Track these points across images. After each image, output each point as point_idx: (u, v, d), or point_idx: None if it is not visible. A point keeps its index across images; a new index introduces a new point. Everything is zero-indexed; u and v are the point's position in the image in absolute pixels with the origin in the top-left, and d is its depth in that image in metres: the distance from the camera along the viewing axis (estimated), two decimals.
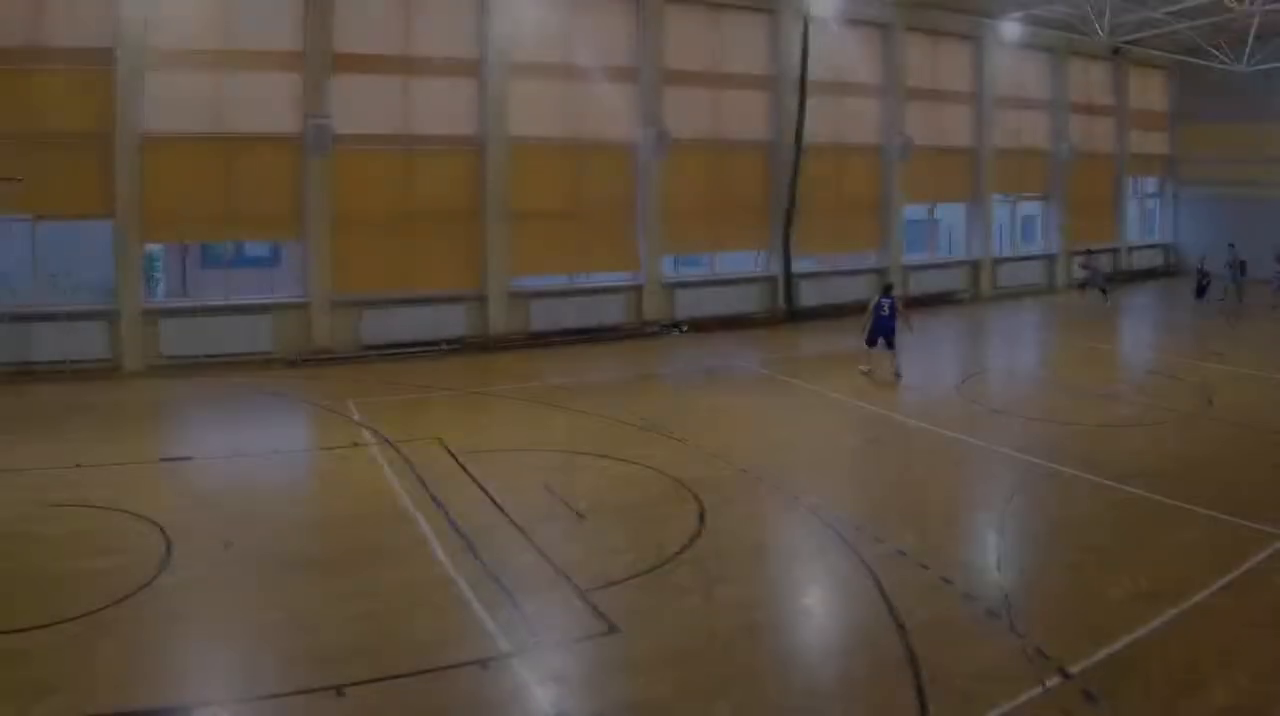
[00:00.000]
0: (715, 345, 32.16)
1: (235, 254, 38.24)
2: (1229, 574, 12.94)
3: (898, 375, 26.14)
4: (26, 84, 26.81)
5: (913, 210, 42.65)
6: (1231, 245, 40.44)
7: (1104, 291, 40.48)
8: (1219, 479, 17.30)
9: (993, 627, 11.49)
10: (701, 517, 15.37)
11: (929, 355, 30.55)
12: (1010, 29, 43.01)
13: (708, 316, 35.39)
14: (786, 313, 37.26)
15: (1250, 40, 40.81)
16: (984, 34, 43.02)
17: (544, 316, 32.98)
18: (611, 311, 34.24)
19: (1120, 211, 50.55)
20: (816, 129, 37.43)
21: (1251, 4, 35.18)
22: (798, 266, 37.69)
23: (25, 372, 26.70)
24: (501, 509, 15.78)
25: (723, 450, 19.30)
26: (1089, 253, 41.88)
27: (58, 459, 18.70)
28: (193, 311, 29.31)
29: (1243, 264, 40.11)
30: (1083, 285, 41.35)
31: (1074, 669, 10.41)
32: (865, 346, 26.56)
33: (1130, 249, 50.83)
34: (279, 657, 11.03)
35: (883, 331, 26.53)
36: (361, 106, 30.55)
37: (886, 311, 26.58)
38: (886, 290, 27.44)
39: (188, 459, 19.12)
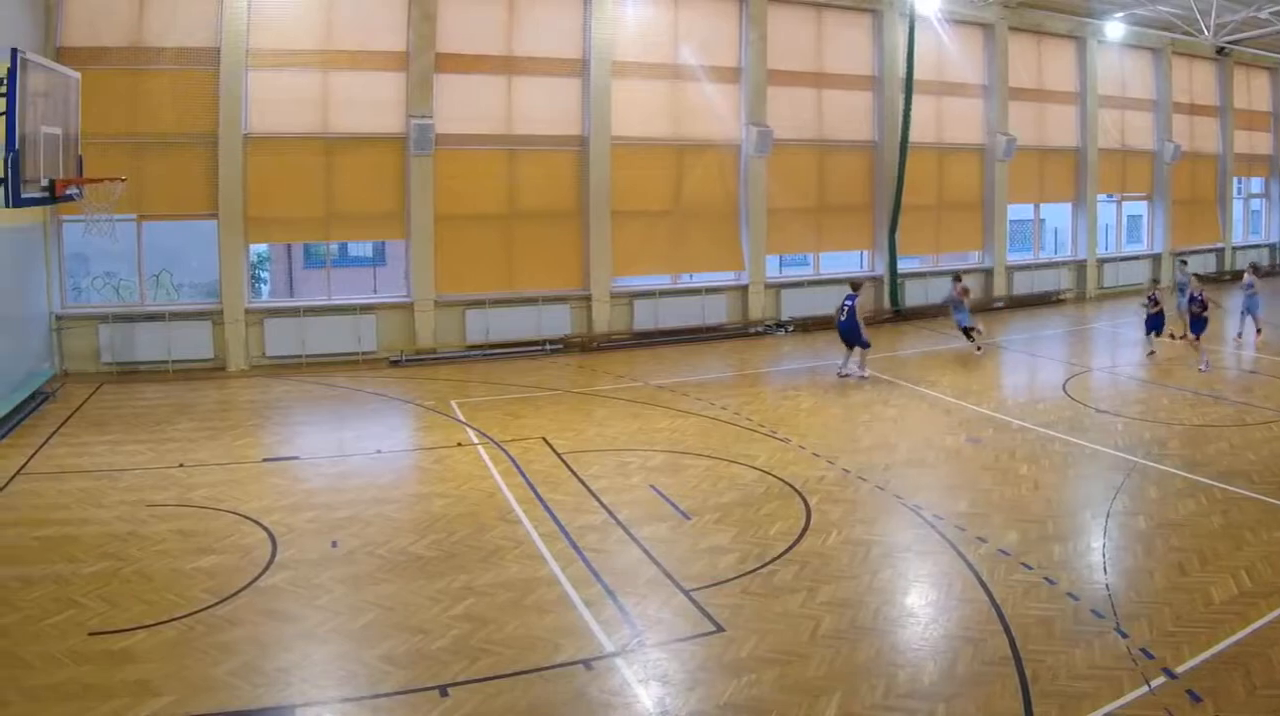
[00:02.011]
0: (819, 345, 31.00)
1: (338, 254, 37.83)
2: None
3: (845, 375, 25.28)
4: (131, 84, 26.30)
5: (1016, 210, 41.04)
6: (1183, 262, 34.47)
7: (1173, 335, 29.49)
8: None
9: (1097, 627, 11.20)
10: (806, 517, 15.13)
11: (1033, 355, 29.62)
12: (1113, 29, 41.21)
13: (812, 316, 34.00)
14: (891, 312, 36.27)
15: None
16: (1087, 34, 41.17)
17: (647, 316, 31.97)
18: (715, 311, 33.13)
19: (1225, 211, 48.22)
20: (919, 128, 36.10)
21: None
22: (902, 266, 36.55)
23: (130, 373, 26.44)
24: (606, 508, 15.54)
25: (826, 450, 18.97)
26: (1155, 284, 31.96)
27: (161, 459, 18.55)
28: (296, 311, 28.66)
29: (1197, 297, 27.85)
30: (1151, 327, 28.49)
31: (1178, 669, 10.20)
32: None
33: (1234, 249, 48.64)
34: (383, 657, 10.76)
35: (842, 335, 25.45)
36: (464, 106, 29.72)
37: (845, 315, 25.24)
38: (853, 288, 26.05)
39: (292, 459, 18.77)
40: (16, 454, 18.97)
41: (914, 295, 36.78)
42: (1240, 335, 30.47)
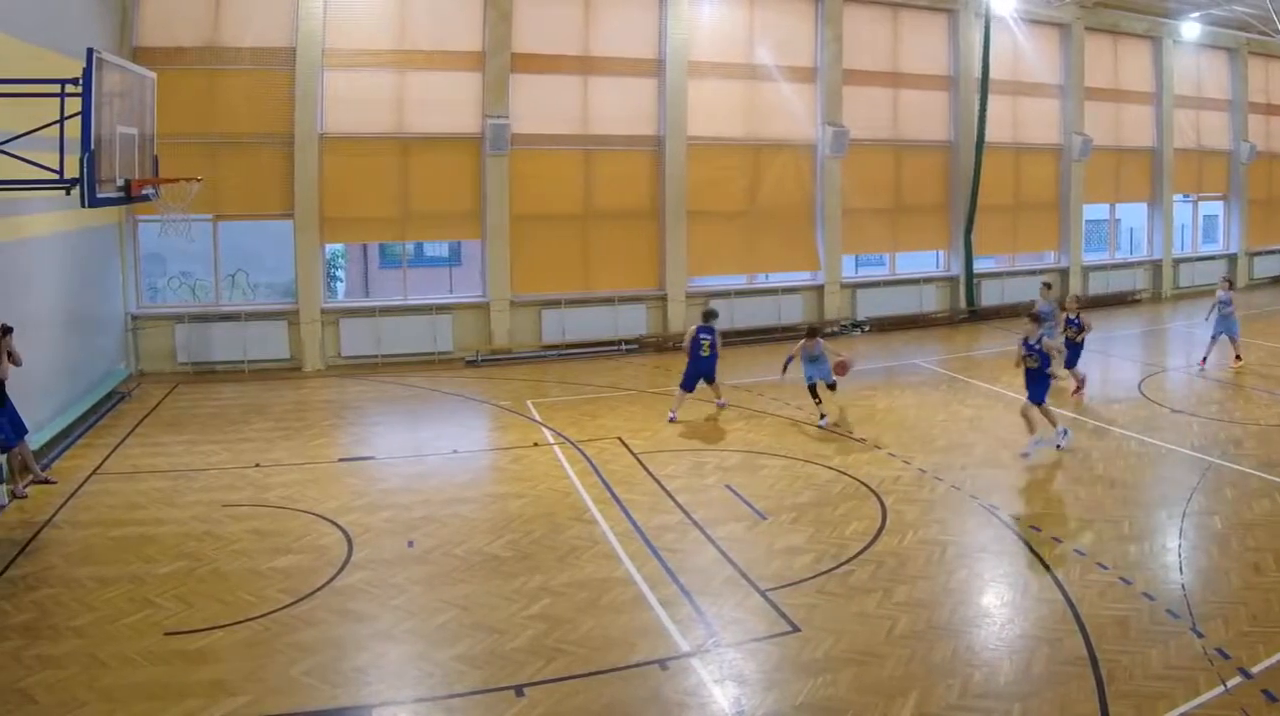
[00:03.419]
0: (895, 345, 30.38)
1: (414, 254, 37.49)
2: None
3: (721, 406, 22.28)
4: (207, 85, 25.90)
5: (1092, 210, 39.76)
6: (1047, 285, 27.52)
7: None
8: None
9: (1173, 627, 10.99)
10: (882, 517, 14.90)
11: (1108, 355, 28.88)
12: (1189, 29, 39.69)
13: (888, 316, 33.15)
14: (967, 312, 35.04)
15: None
16: (1163, 34, 39.74)
17: (723, 316, 30.23)
18: (791, 311, 32.12)
19: None
20: (995, 128, 34.91)
21: None
22: (977, 266, 35.42)
23: (205, 373, 26.17)
24: (682, 508, 15.34)
25: (902, 450, 18.66)
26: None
27: (237, 459, 18.44)
28: (372, 311, 28.12)
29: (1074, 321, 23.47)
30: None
31: (1254, 669, 9.98)
32: (681, 390, 21.72)
33: None
34: (458, 657, 10.63)
35: (701, 373, 21.65)
36: (540, 106, 29.04)
37: (707, 351, 21.56)
38: (706, 319, 22.20)
39: (368, 459, 18.58)
40: (93, 454, 18.76)
41: (990, 295, 35.72)
42: (1205, 360, 25.74)
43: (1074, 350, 22.89)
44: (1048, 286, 27.00)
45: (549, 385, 25.41)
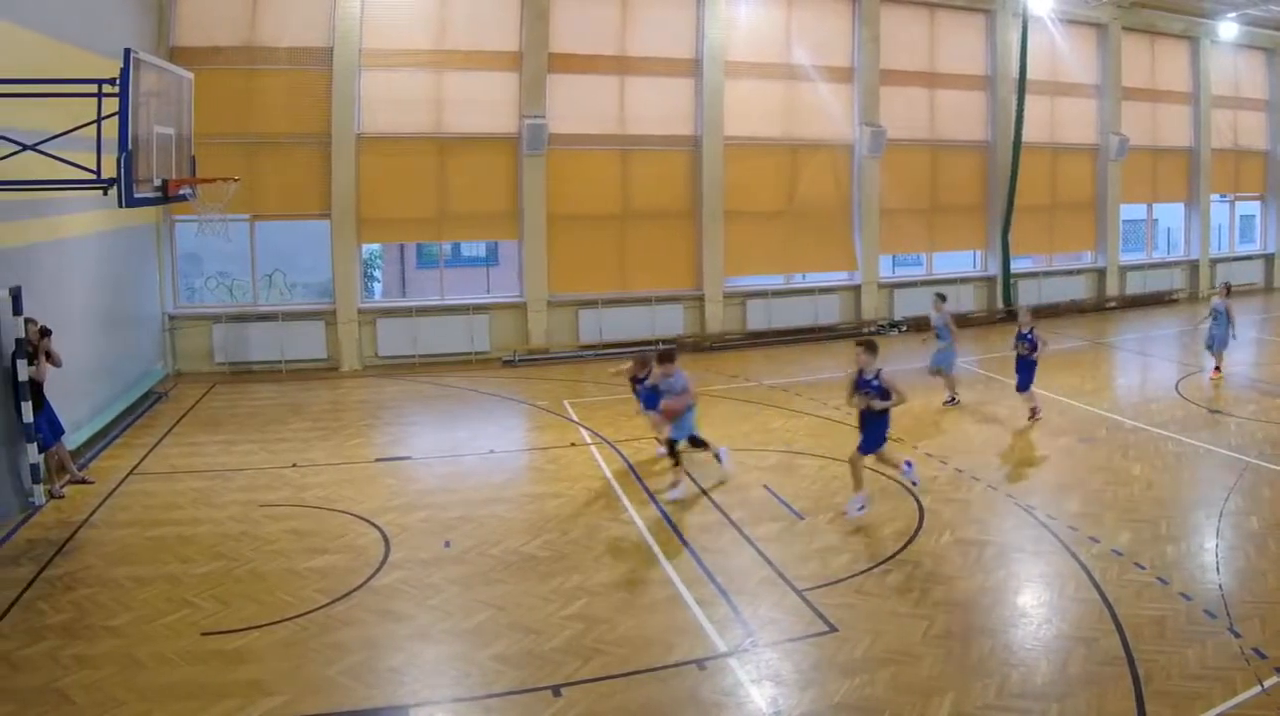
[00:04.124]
0: (932, 345, 29.66)
1: (451, 254, 37.33)
2: None
3: None
4: (244, 85, 25.72)
5: (1129, 209, 39.27)
6: (941, 297, 23.48)
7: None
8: None
9: (1210, 627, 10.85)
10: (919, 517, 14.72)
11: (1145, 355, 28.73)
12: (1226, 29, 39.11)
13: (926, 316, 32.52)
14: (1004, 312, 34.49)
15: None
16: (1200, 34, 39.13)
17: (760, 316, 30.89)
18: (828, 311, 31.78)
19: None
20: (1032, 128, 34.48)
21: None
22: (1014, 266, 35.01)
23: (243, 373, 26.04)
24: (719, 508, 15.15)
25: (939, 450, 18.45)
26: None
27: (274, 459, 18.36)
28: (409, 311, 27.91)
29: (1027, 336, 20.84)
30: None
31: None
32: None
33: None
34: (495, 657, 10.57)
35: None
36: (577, 106, 28.75)
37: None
38: (663, 361, 16.75)
39: (405, 459, 18.41)
40: (130, 454, 18.69)
41: (1027, 295, 35.12)
42: (1218, 369, 24.49)
43: (1026, 370, 20.42)
44: (941, 298, 23.13)
45: (586, 385, 25.17)
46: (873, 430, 14.86)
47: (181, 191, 16.45)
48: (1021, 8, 33.35)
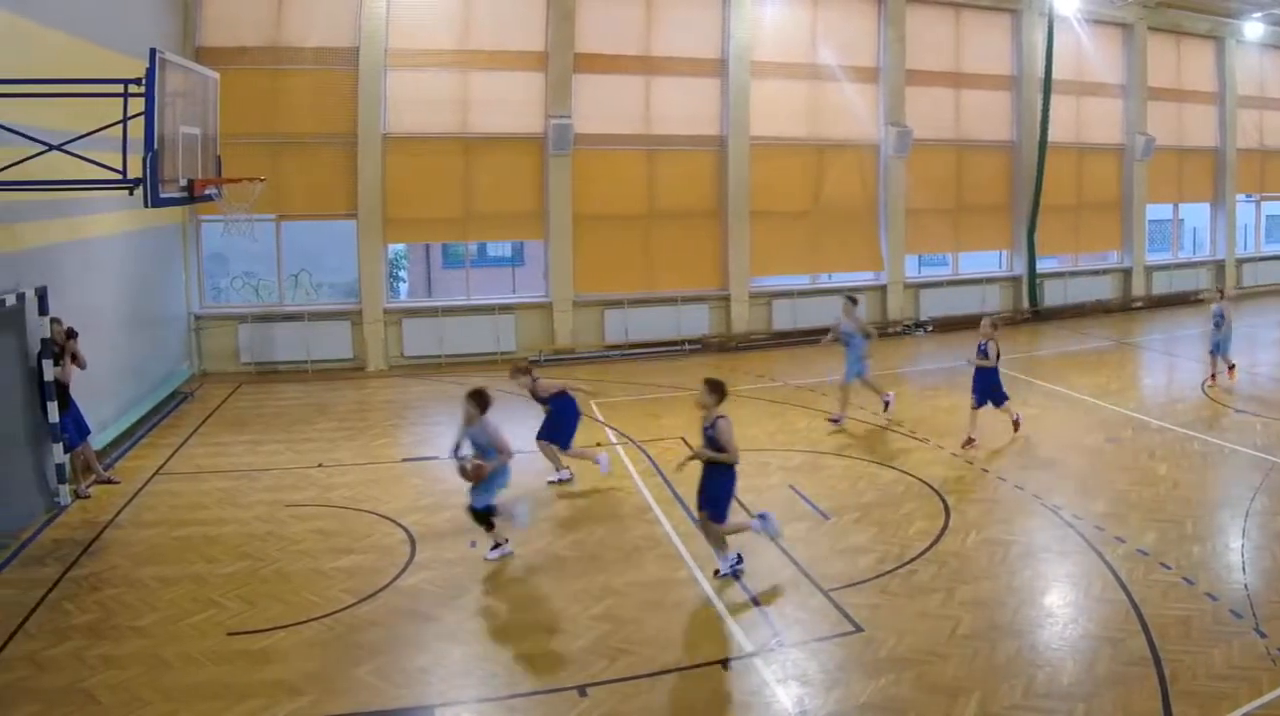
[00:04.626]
0: (958, 345, 29.22)
1: (477, 254, 37.31)
2: None
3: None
4: (270, 85, 25.55)
5: (1155, 209, 38.92)
6: (852, 299, 21.72)
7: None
8: None
9: (1236, 628, 10.80)
10: (945, 517, 14.68)
11: (1171, 355, 28.54)
12: (1252, 29, 38.72)
13: (951, 316, 32.40)
14: (1030, 312, 34.33)
15: None
16: (1226, 34, 38.72)
17: (786, 316, 30.64)
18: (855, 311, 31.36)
19: None
20: (1057, 128, 34.17)
21: None
22: (1040, 266, 34.68)
23: (268, 373, 25.91)
24: (745, 508, 14.46)
25: (965, 450, 18.25)
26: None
27: (300, 459, 18.35)
28: (435, 311, 27.77)
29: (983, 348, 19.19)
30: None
31: None
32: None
33: None
34: (521, 657, 10.63)
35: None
36: (603, 106, 28.52)
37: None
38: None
39: (431, 459, 18.10)
40: (155, 454, 18.64)
41: (1053, 295, 35.01)
42: (1215, 376, 23.85)
43: (984, 384, 18.85)
44: (852, 301, 21.39)
45: (612, 385, 24.94)
46: (712, 485, 12.31)
47: (207, 191, 16.40)
48: (1047, 7, 33.00)
